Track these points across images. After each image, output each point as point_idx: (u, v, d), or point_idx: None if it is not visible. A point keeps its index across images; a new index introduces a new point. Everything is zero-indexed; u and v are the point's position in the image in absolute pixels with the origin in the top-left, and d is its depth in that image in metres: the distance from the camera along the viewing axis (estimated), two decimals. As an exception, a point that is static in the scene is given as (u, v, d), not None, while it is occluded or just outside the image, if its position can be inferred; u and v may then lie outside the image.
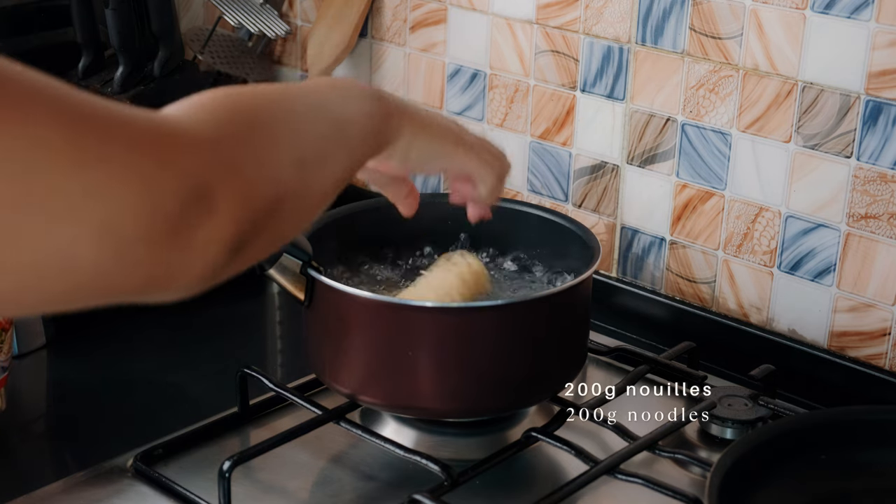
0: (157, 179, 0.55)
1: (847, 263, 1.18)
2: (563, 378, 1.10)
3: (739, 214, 1.25)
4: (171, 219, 0.55)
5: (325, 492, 1.05)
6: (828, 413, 1.09)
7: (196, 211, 0.57)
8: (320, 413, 1.09)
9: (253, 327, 1.39)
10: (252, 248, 0.63)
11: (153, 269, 0.56)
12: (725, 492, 0.92)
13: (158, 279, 0.57)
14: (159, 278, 0.57)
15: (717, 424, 1.12)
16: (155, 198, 0.54)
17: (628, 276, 1.36)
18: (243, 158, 0.62)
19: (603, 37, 1.31)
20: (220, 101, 0.64)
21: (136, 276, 0.56)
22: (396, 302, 1.05)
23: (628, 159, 1.32)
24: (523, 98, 1.39)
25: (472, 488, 1.02)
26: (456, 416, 1.09)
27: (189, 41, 1.52)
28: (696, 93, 1.25)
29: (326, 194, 0.73)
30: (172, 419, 1.13)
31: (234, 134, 0.62)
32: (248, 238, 0.61)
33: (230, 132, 0.62)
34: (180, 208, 0.56)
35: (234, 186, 0.60)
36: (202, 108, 0.63)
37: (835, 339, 1.21)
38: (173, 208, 0.55)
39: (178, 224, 0.56)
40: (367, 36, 1.54)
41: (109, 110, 0.55)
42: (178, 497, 1.02)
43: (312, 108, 0.72)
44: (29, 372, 1.23)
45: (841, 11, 1.13)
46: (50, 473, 1.07)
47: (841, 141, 1.16)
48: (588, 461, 1.03)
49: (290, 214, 0.67)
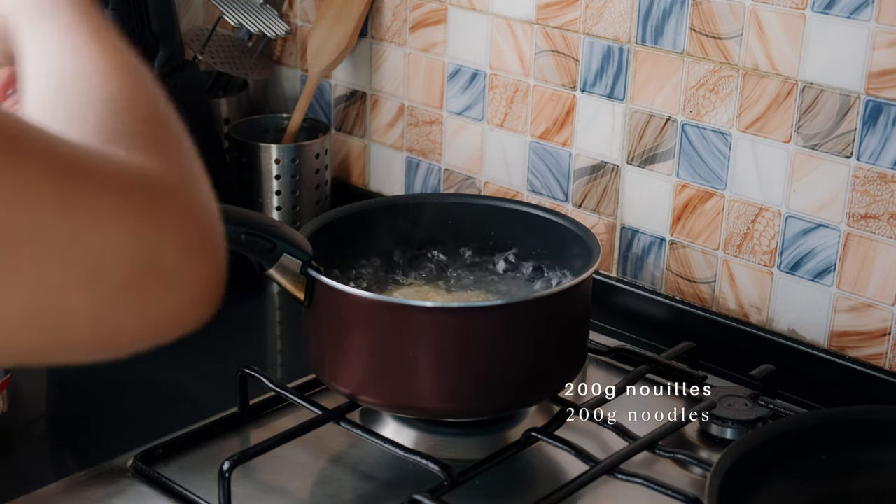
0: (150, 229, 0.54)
1: (847, 263, 1.18)
2: (563, 378, 1.10)
3: (739, 214, 1.25)
4: (167, 264, 0.55)
5: (325, 492, 1.05)
6: (828, 413, 1.09)
7: (188, 254, 0.56)
8: (320, 413, 1.09)
9: (253, 327, 1.38)
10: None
11: (153, 314, 0.56)
12: (725, 492, 0.92)
13: (160, 325, 0.57)
14: (160, 324, 0.56)
15: (717, 424, 1.12)
16: (145, 244, 0.54)
17: (628, 276, 1.36)
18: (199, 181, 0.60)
19: (603, 37, 1.31)
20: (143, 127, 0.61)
21: (138, 325, 0.55)
22: (396, 302, 1.05)
23: (628, 159, 1.32)
24: (523, 98, 1.39)
25: (472, 488, 1.02)
26: (456, 416, 1.09)
27: (189, 41, 1.52)
28: (696, 93, 1.25)
29: None
30: (172, 419, 1.13)
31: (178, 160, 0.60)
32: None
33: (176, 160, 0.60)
34: (177, 256, 0.55)
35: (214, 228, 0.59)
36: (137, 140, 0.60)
37: (835, 339, 1.21)
38: (170, 253, 0.55)
39: (174, 271, 0.55)
40: (367, 36, 1.54)
41: (99, 157, 0.54)
42: (178, 497, 1.02)
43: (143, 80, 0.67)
44: (29, 372, 1.23)
45: (841, 11, 1.13)
46: (50, 473, 1.07)
47: (841, 141, 1.16)
48: (588, 461, 1.03)
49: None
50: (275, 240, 1.04)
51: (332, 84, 1.59)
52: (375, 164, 1.58)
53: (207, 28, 1.57)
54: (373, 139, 1.57)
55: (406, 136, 1.53)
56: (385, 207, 1.25)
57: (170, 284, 0.56)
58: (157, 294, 0.55)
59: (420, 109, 1.50)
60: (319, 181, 1.52)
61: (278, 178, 1.48)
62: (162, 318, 0.56)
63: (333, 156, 1.59)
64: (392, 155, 1.55)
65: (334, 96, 1.60)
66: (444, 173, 1.50)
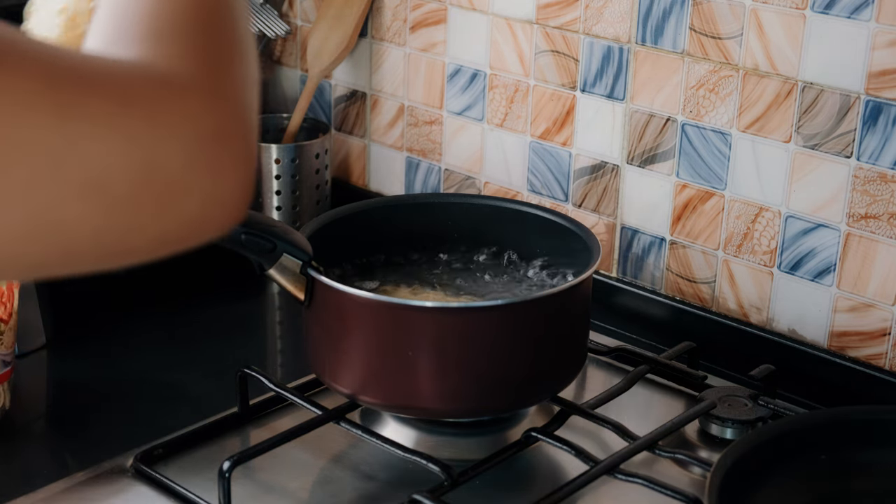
0: (150, 134, 0.52)
1: (847, 263, 1.18)
2: (563, 378, 1.10)
3: (739, 214, 1.25)
4: (177, 174, 0.53)
5: (325, 492, 1.05)
6: (828, 413, 1.09)
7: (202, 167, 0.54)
8: (320, 413, 1.09)
9: (253, 327, 1.38)
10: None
11: (165, 227, 0.53)
12: (725, 492, 0.92)
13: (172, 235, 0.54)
14: (173, 234, 0.54)
15: (717, 424, 1.12)
16: (148, 156, 0.52)
17: (628, 276, 1.36)
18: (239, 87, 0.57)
19: (603, 37, 1.31)
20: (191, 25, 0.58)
21: (148, 235, 0.53)
22: (396, 302, 1.05)
23: (628, 159, 1.32)
24: (523, 98, 1.39)
25: (472, 488, 1.02)
26: (456, 416, 1.09)
27: (189, 41, 1.52)
28: (696, 93, 1.25)
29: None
30: (172, 419, 1.13)
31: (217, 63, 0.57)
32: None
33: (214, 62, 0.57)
34: (182, 168, 0.53)
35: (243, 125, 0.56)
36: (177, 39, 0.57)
37: (835, 339, 1.21)
38: (173, 169, 0.53)
39: (182, 184, 0.53)
40: (367, 36, 1.54)
41: (95, 63, 0.53)
42: (178, 497, 1.02)
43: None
44: (29, 371, 1.23)
45: (841, 11, 1.13)
46: (50, 473, 1.07)
47: (841, 141, 1.16)
48: (588, 461, 1.03)
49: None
50: (275, 240, 1.04)
51: (332, 84, 1.59)
52: (375, 164, 1.58)
53: (207, 28, 1.57)
54: (373, 139, 1.57)
55: (406, 136, 1.53)
56: (385, 207, 1.25)
57: (181, 191, 0.53)
58: (167, 201, 0.53)
59: (420, 109, 1.50)
60: (319, 181, 1.52)
61: (278, 178, 1.49)
62: (176, 226, 0.54)
63: (333, 156, 1.59)
64: (392, 155, 1.55)
65: (334, 96, 1.60)
66: (444, 173, 1.50)
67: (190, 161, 0.53)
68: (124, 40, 0.56)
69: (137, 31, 0.57)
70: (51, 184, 0.50)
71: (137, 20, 0.57)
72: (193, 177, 0.54)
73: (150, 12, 0.58)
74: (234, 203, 0.56)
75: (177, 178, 0.53)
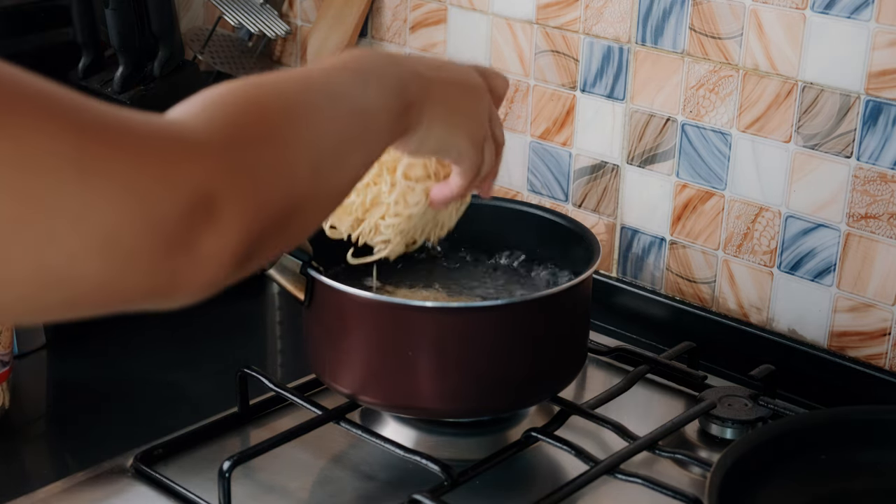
0: (155, 191, 0.53)
1: (847, 263, 1.18)
2: (563, 378, 1.10)
3: (739, 214, 1.25)
4: (171, 230, 0.54)
5: (325, 492, 1.05)
6: (828, 413, 1.09)
7: (199, 222, 0.55)
8: (320, 413, 1.09)
9: (253, 327, 1.38)
10: (261, 255, 0.61)
11: (156, 279, 0.55)
12: (725, 492, 0.92)
13: (162, 289, 0.56)
14: (163, 288, 0.56)
15: (717, 424, 1.12)
16: (153, 210, 0.53)
17: (628, 276, 1.36)
18: (254, 164, 0.59)
19: (603, 37, 1.31)
20: (232, 98, 0.61)
21: (139, 287, 0.55)
22: (396, 302, 1.05)
23: (628, 159, 1.32)
24: (523, 98, 1.39)
25: (472, 488, 1.02)
26: (456, 416, 1.09)
27: (189, 41, 1.52)
28: (696, 93, 1.25)
29: (343, 195, 0.69)
30: (172, 419, 1.13)
31: (244, 136, 0.59)
32: (257, 246, 0.59)
33: (240, 135, 0.59)
34: (180, 220, 0.54)
35: (243, 195, 0.57)
36: (212, 106, 0.60)
37: (835, 339, 1.21)
38: (174, 220, 0.54)
39: (180, 236, 0.54)
40: (367, 36, 1.54)
41: (114, 118, 0.54)
42: (178, 497, 1.02)
43: (331, 99, 0.67)
44: (29, 372, 1.23)
45: (841, 11, 1.13)
46: (50, 473, 1.07)
47: (841, 141, 1.16)
48: (588, 461, 1.03)
49: (304, 220, 0.64)
50: (275, 240, 1.04)
51: (332, 84, 1.59)
52: (375, 164, 1.57)
53: (207, 28, 1.57)
54: (373, 139, 1.57)
55: (406, 136, 1.52)
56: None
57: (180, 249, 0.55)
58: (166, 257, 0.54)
59: (420, 109, 1.50)
60: (319, 181, 1.51)
61: (278, 178, 1.48)
62: (169, 282, 0.56)
63: (333, 156, 1.59)
64: (392, 155, 1.55)
65: (334, 96, 1.60)
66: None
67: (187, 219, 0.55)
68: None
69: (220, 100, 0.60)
70: (70, 239, 0.51)
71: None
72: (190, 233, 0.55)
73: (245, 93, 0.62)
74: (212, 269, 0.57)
75: (177, 234, 0.54)
